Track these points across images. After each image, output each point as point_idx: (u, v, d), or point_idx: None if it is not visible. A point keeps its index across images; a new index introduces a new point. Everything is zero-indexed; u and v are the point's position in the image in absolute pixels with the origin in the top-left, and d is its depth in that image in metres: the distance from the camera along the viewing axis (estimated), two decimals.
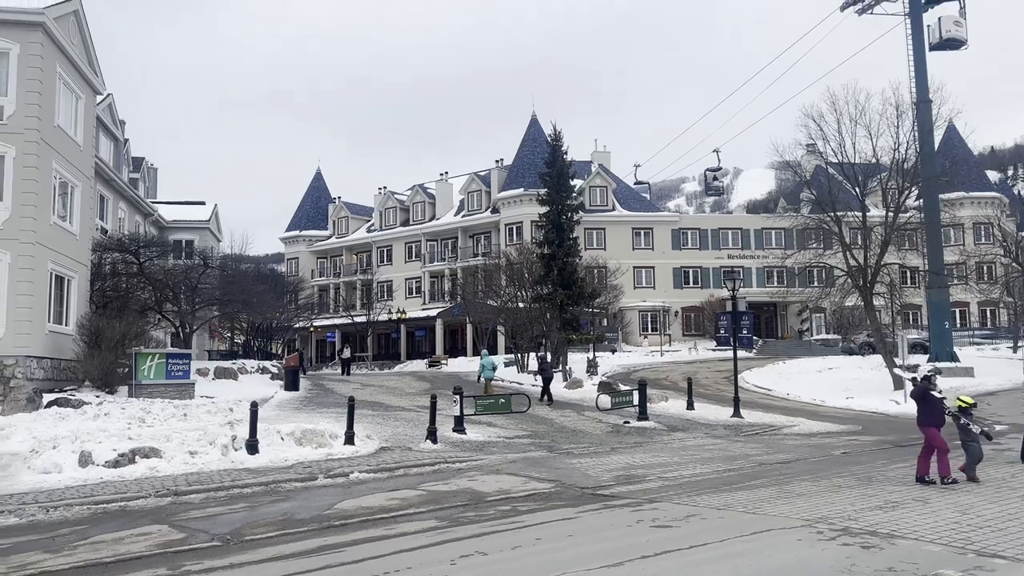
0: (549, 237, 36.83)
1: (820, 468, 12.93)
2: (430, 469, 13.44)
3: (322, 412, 21.48)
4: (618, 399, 22.28)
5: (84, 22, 25.51)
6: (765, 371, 35.78)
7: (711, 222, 64.07)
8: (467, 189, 64.33)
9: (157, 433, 14.51)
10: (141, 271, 31.63)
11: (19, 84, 21.90)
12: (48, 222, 22.81)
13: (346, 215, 72.54)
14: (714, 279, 56.71)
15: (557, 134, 38.14)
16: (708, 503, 9.78)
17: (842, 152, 31.40)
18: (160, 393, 22.53)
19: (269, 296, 45.75)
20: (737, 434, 18.79)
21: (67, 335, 23.87)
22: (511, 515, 9.37)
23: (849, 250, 31.07)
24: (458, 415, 17.81)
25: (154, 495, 10.90)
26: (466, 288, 53.21)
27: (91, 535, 8.67)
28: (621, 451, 15.63)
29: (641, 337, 55.39)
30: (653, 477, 12.12)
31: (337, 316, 64.75)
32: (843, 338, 49.16)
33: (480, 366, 27.79)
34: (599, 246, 56.28)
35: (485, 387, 26.91)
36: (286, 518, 9.43)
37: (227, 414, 18.32)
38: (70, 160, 24.53)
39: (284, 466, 13.24)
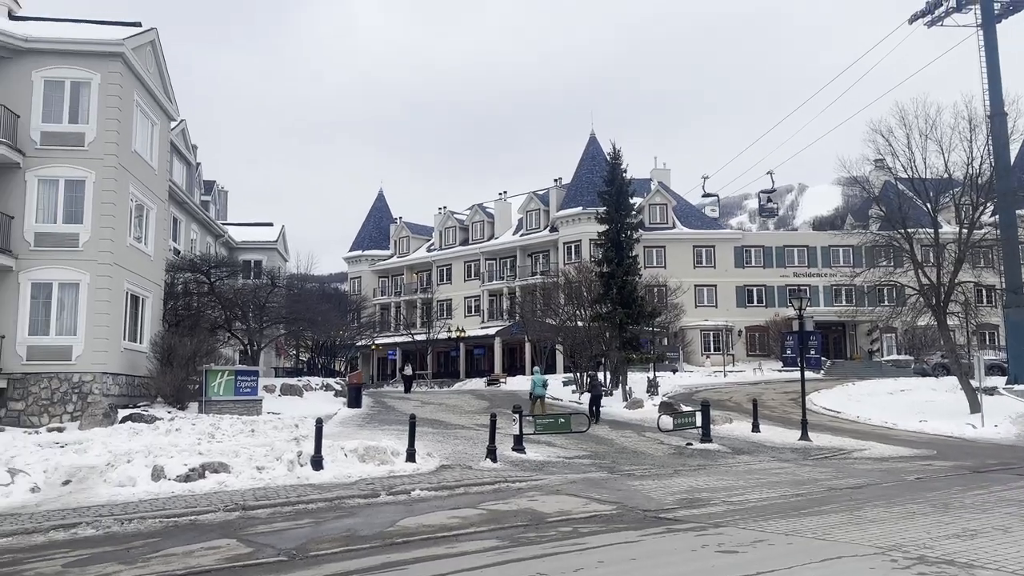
0: (608, 255, 36.67)
1: (893, 494, 12.47)
2: (490, 488, 13.44)
3: (384, 429, 21.72)
4: (680, 420, 21.93)
5: (160, 51, 26.65)
6: (834, 393, 34.83)
7: (775, 239, 62.82)
8: (526, 208, 64.63)
9: (226, 448, 14.88)
10: (212, 290, 32.67)
11: (99, 112, 23.00)
12: (125, 243, 23.78)
13: (407, 235, 73.66)
14: (779, 298, 55.57)
15: (616, 152, 38.06)
16: (776, 528, 9.52)
17: (912, 167, 30.48)
18: (229, 409, 23.13)
19: (333, 314, 46.63)
20: (805, 458, 18.28)
21: (141, 352, 24.76)
22: (572, 536, 9.29)
23: (921, 268, 30.08)
24: (517, 434, 17.79)
25: (223, 509, 11.16)
26: (525, 307, 53.33)
27: (163, 548, 8.92)
28: (684, 473, 15.37)
29: (703, 357, 54.52)
30: (718, 501, 11.87)
31: (398, 334, 65.60)
32: (915, 359, 47.58)
33: (531, 383, 27.68)
34: (659, 264, 55.76)
35: (535, 404, 26.50)
36: (350, 534, 9.55)
37: (293, 430, 18.69)
38: (146, 184, 25.57)
39: (348, 482, 13.42)
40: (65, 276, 22.24)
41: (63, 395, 21.84)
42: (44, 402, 21.72)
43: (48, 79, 22.93)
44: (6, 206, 21.99)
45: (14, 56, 22.65)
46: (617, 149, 38.06)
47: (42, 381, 21.80)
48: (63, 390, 21.86)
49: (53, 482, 12.62)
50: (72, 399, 21.81)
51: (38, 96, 22.79)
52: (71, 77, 23.03)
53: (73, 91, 23.03)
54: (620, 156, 37.94)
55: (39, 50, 22.84)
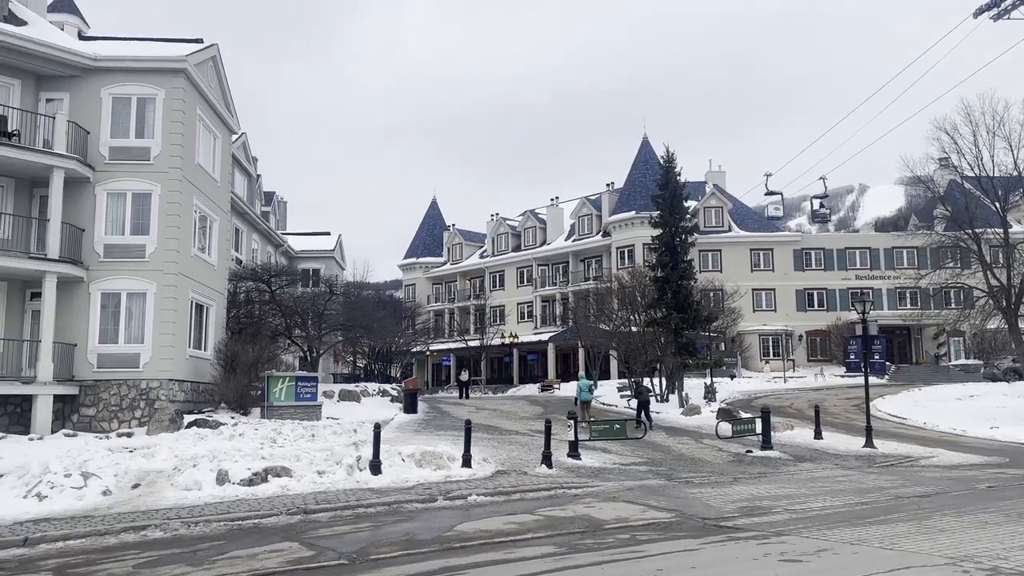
0: (662, 260, 36.27)
1: (963, 502, 12.03)
2: (546, 494, 13.41)
3: (440, 435, 21.87)
4: (739, 427, 21.55)
5: (220, 66, 27.43)
6: (899, 399, 33.80)
7: (836, 241, 61.33)
8: (578, 213, 64.47)
9: (287, 453, 15.19)
10: (272, 299, 33.41)
11: (164, 127, 23.78)
12: (189, 254, 24.50)
13: (460, 242, 74.21)
14: (841, 301, 54.24)
15: (670, 155, 37.66)
16: (840, 537, 9.28)
17: (979, 165, 29.53)
18: (290, 415, 23.60)
19: (388, 321, 47.27)
20: (870, 465, 17.78)
21: (205, 359, 25.45)
22: (630, 544, 9.20)
23: (990, 269, 29.08)
24: (572, 440, 17.73)
25: (285, 513, 11.39)
26: (577, 312, 53.13)
27: (228, 550, 9.14)
28: (744, 481, 15.09)
29: (762, 362, 53.48)
30: (779, 509, 11.62)
31: (452, 340, 66.04)
32: (985, 363, 45.91)
33: (577, 388, 27.89)
34: (715, 268, 54.98)
35: (582, 409, 26.56)
36: (409, 538, 9.64)
37: (351, 435, 18.98)
38: (208, 195, 26.32)
39: (405, 487, 13.56)
40: (133, 286, 23.03)
41: (131, 401, 22.58)
42: (114, 408, 22.50)
43: (116, 96, 23.81)
44: (77, 219, 22.88)
45: (84, 74, 23.58)
46: (671, 152, 37.65)
47: (112, 388, 22.59)
48: (131, 396, 22.61)
49: (123, 485, 13.06)
50: (140, 405, 22.55)
51: (106, 112, 23.68)
52: (137, 93, 23.87)
53: (139, 107, 23.87)
54: (674, 159, 37.53)
55: (107, 68, 23.73)
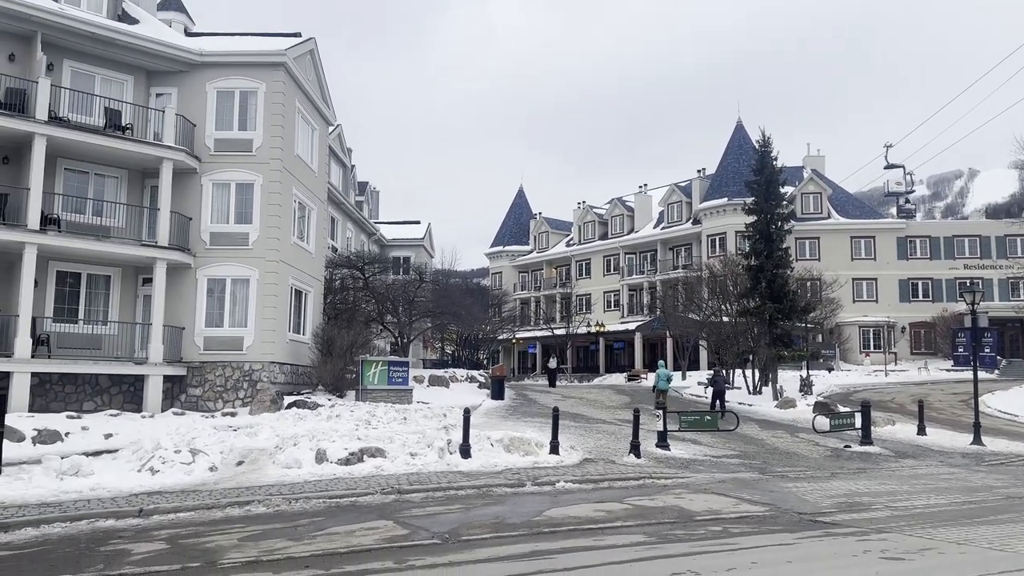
0: (756, 248, 35.30)
1: None
2: (635, 483, 13.35)
3: (527, 421, 22.03)
4: (837, 421, 20.82)
5: (318, 60, 28.23)
6: (1010, 395, 31.89)
7: (943, 229, 58.19)
8: (667, 200, 63.41)
9: (381, 435, 15.63)
10: (366, 285, 34.34)
11: (265, 119, 24.67)
12: (289, 242, 25.42)
13: (546, 230, 74.19)
14: (947, 292, 51.54)
15: (766, 139, 36.55)
16: (945, 536, 8.88)
17: None
18: (383, 398, 24.26)
19: (476, 309, 47.82)
20: (978, 463, 16.89)
21: (304, 343, 26.40)
22: (722, 536, 9.07)
23: None
24: (661, 430, 17.54)
25: (380, 492, 11.74)
26: (666, 301, 52.33)
27: (326, 527, 9.51)
28: (842, 477, 14.61)
29: (861, 355, 51.44)
30: (880, 506, 11.20)
31: (537, 328, 66.20)
32: None
33: (655, 376, 28.21)
34: (812, 257, 53.10)
35: (658, 398, 26.98)
36: (498, 521, 9.78)
37: (441, 419, 19.36)
38: (307, 185, 27.20)
39: (494, 471, 13.75)
40: (237, 272, 24.08)
41: (235, 382, 23.67)
42: (219, 389, 23.64)
43: (220, 89, 24.85)
44: (185, 208, 24.06)
45: (190, 70, 24.72)
46: (767, 136, 36.54)
47: (216, 369, 23.72)
48: (235, 378, 23.70)
49: (228, 462, 13.75)
50: (243, 386, 23.60)
51: (211, 105, 24.75)
52: (240, 87, 24.85)
53: (242, 100, 24.85)
54: (770, 143, 36.41)
55: (211, 63, 24.79)
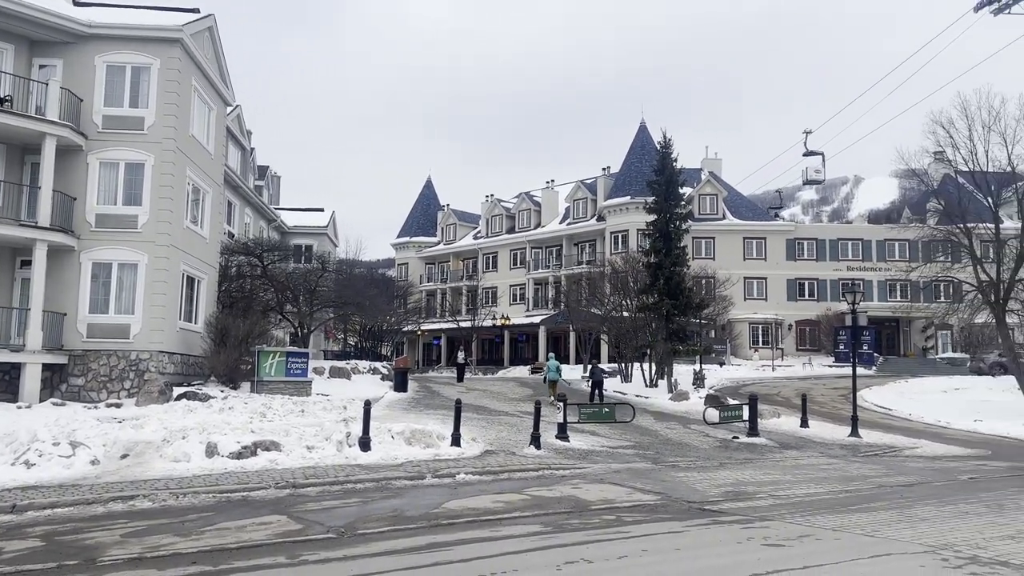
0: (656, 246, 36.36)
1: (945, 493, 12.19)
2: (534, 474, 13.52)
3: (429, 413, 21.97)
4: (726, 413, 21.70)
5: (217, 37, 27.17)
6: (886, 390, 34.08)
7: (829, 232, 61.50)
8: (573, 197, 64.39)
9: (277, 427, 15.24)
10: (264, 273, 33.37)
11: (158, 96, 23.57)
12: (182, 226, 24.40)
13: (454, 222, 74.07)
14: (831, 292, 54.50)
15: (667, 141, 37.65)
16: (823, 524, 9.41)
17: (973, 160, 29.50)
18: (280, 390, 23.65)
19: (380, 300, 47.25)
20: (855, 454, 17.96)
21: (196, 333, 25.42)
22: (616, 525, 9.31)
23: (980, 264, 29.18)
24: (561, 422, 17.82)
25: (274, 487, 11.45)
26: (570, 296, 53.22)
27: (216, 522, 9.20)
28: (730, 467, 15.24)
29: (751, 350, 53.79)
30: (764, 495, 11.75)
31: (443, 321, 66.10)
32: (972, 357, 46.23)
33: (546, 368, 29.96)
34: (708, 256, 55.10)
35: (551, 388, 28.55)
36: (396, 514, 9.72)
37: (341, 411, 19.04)
38: (202, 168, 26.17)
39: (394, 464, 13.63)
40: (124, 257, 22.94)
41: (121, 372, 22.57)
42: (103, 378, 22.48)
43: (110, 64, 23.57)
44: (69, 188, 22.72)
45: (78, 41, 23.32)
46: (668, 138, 37.66)
47: (101, 358, 22.56)
48: (121, 367, 22.59)
49: (112, 455, 13.10)
50: (129, 376, 22.54)
51: (100, 80, 23.45)
52: (132, 62, 23.64)
53: (134, 76, 23.65)
54: (671, 145, 37.53)
55: (101, 35, 23.47)
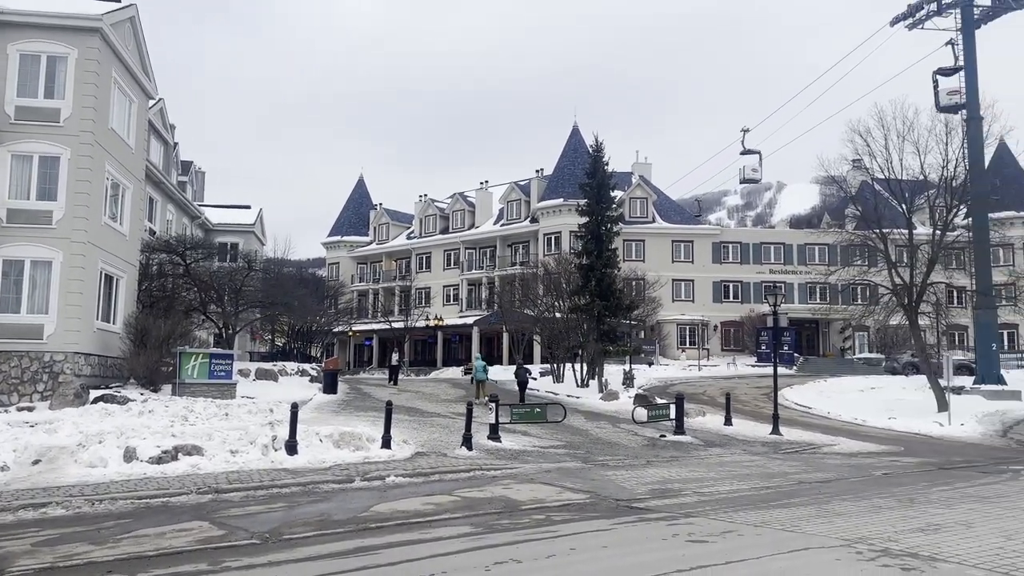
0: (588, 248, 36.80)
1: (860, 488, 12.70)
2: (465, 476, 13.50)
3: (359, 416, 21.70)
4: (654, 412, 22.11)
5: (139, 28, 26.27)
6: (805, 389, 35.24)
7: (753, 236, 63.34)
8: (507, 198, 64.59)
9: (199, 431, 14.83)
10: (187, 272, 32.38)
11: (76, 88, 22.63)
12: (99, 222, 23.48)
13: (387, 222, 73.35)
14: (755, 294, 56.08)
15: (599, 144, 38.15)
16: (745, 520, 9.67)
17: (889, 168, 30.84)
18: (203, 392, 23.01)
19: (310, 300, 46.45)
20: (775, 451, 18.53)
21: (114, 333, 24.50)
22: (545, 524, 9.38)
23: (894, 268, 30.50)
24: (493, 423, 17.86)
25: (196, 492, 11.13)
26: (503, 296, 53.36)
27: (134, 529, 8.88)
28: (657, 465, 15.53)
29: (679, 351, 54.94)
30: (689, 492, 12.02)
31: (375, 321, 65.40)
32: (886, 357, 48.23)
33: (473, 368, 30.40)
34: (638, 258, 56.03)
35: (478, 387, 28.85)
36: (323, 519, 9.56)
37: (267, 414, 18.64)
38: (122, 162, 25.24)
39: (322, 467, 13.42)
40: (38, 254, 21.92)
41: (33, 374, 21.56)
42: (14, 381, 21.44)
43: (24, 53, 22.51)
44: None
45: None
46: (599, 142, 38.16)
47: (12, 359, 21.51)
48: (33, 369, 21.59)
49: (23, 461, 12.51)
50: (43, 378, 21.55)
51: (13, 70, 22.38)
52: (47, 51, 22.63)
53: (49, 66, 22.64)
54: (602, 149, 38.04)
55: (15, 23, 22.39)
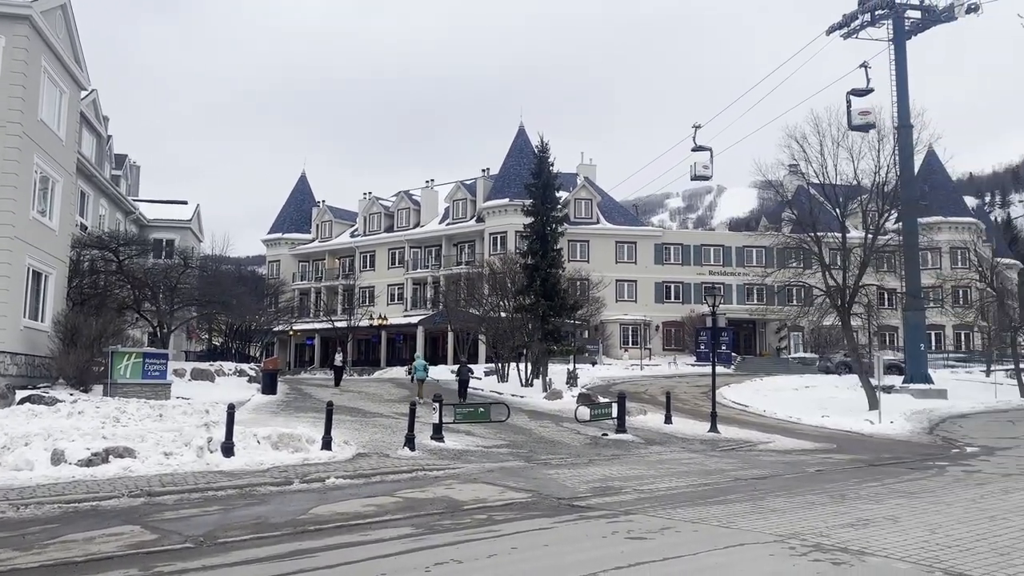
0: (533, 248, 36.96)
1: (794, 485, 13.04)
2: (407, 476, 13.41)
3: (299, 416, 21.34)
4: (597, 411, 22.33)
5: (71, 17, 25.37)
6: (743, 387, 36.01)
7: (693, 238, 64.58)
8: (453, 197, 64.41)
9: (132, 433, 14.38)
10: (120, 269, 31.40)
11: (3, 77, 21.72)
12: (27, 216, 22.59)
13: (330, 219, 72.36)
14: (695, 295, 57.12)
15: (544, 145, 38.35)
16: (683, 516, 9.84)
17: (824, 174, 31.78)
18: (136, 393, 22.34)
19: (249, 298, 45.53)
20: (713, 449, 18.90)
21: (43, 331, 23.61)
22: (487, 524, 9.38)
23: (828, 270, 31.41)
24: (437, 423, 17.78)
25: (127, 495, 10.80)
26: (448, 296, 53.19)
27: (62, 534, 8.57)
28: (598, 463, 15.68)
29: (622, 350, 55.60)
30: (629, 489, 12.17)
31: (317, 320, 64.46)
32: (820, 357, 49.61)
33: (413, 367, 30.49)
34: (583, 258, 56.49)
35: (418, 386, 29.03)
36: (260, 522, 9.38)
37: (203, 416, 18.20)
38: (52, 155, 24.33)
39: (260, 470, 13.16)
40: None
41: None
42: None
43: None
44: None
45: None
46: (545, 142, 38.36)
47: None
48: None
49: None
50: None
51: None
52: None
53: None
54: (548, 149, 38.25)
55: None
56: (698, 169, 53.00)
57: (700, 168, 52.94)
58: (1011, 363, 40.95)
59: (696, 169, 53.02)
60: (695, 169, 53.02)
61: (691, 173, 53.26)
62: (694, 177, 53.63)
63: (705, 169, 53.00)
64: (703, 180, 53.87)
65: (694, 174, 53.34)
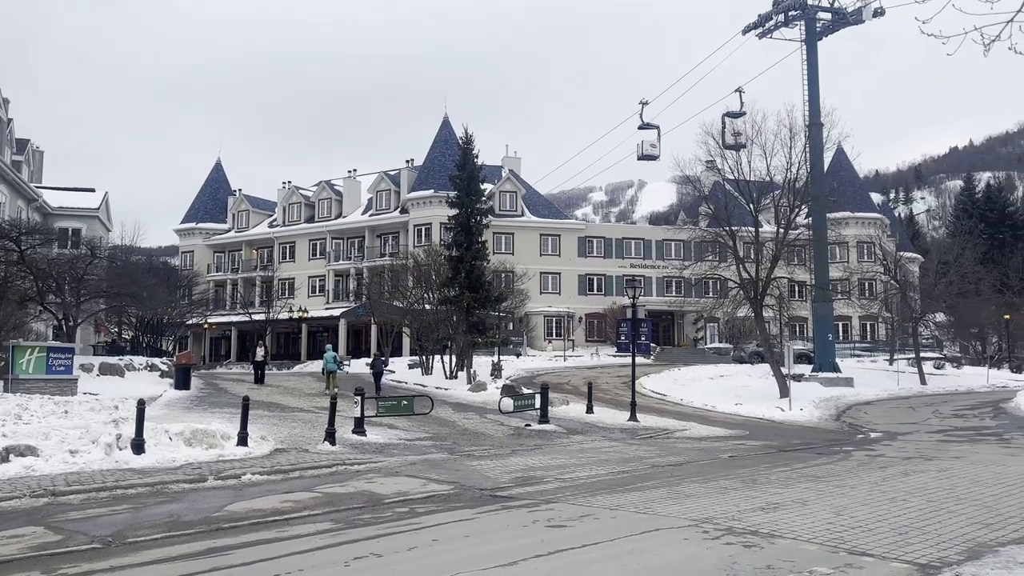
0: (458, 240, 36.85)
1: (708, 471, 13.45)
2: (327, 471, 13.22)
3: (214, 412, 20.77)
4: (520, 402, 22.49)
5: None
6: (661, 377, 36.84)
7: (616, 231, 65.69)
8: (376, 188, 63.58)
9: (35, 430, 13.75)
10: (22, 259, 29.86)
11: None
12: None
13: (246, 208, 70.38)
14: (617, 287, 58.05)
15: (468, 137, 38.23)
16: (602, 504, 10.03)
17: (738, 170, 32.75)
18: (39, 388, 21.33)
19: (161, 290, 43.98)
20: (633, 437, 19.30)
21: None
22: (408, 517, 9.35)
23: (742, 263, 32.39)
24: (359, 416, 17.57)
25: (29, 495, 10.30)
26: (372, 288, 52.55)
27: None
28: (521, 453, 15.81)
29: (545, 342, 56.11)
30: (551, 479, 12.32)
31: (234, 313, 62.69)
32: (734, 347, 51.07)
33: (324, 360, 30.06)
34: (507, 251, 56.69)
35: (329, 379, 28.80)
36: (172, 520, 9.10)
37: (112, 412, 17.50)
38: None
39: (172, 467, 12.75)
40: None
41: None
42: None
43: None
44: None
45: None
46: (470, 134, 38.24)
47: None
48: None
49: None
50: None
51: None
52: None
53: None
54: (472, 141, 38.15)
55: None
56: (645, 148, 49.54)
57: (647, 147, 49.51)
58: (913, 352, 43.22)
59: (643, 148, 49.54)
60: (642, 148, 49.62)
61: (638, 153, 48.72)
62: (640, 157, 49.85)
63: (653, 148, 49.55)
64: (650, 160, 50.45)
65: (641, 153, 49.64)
